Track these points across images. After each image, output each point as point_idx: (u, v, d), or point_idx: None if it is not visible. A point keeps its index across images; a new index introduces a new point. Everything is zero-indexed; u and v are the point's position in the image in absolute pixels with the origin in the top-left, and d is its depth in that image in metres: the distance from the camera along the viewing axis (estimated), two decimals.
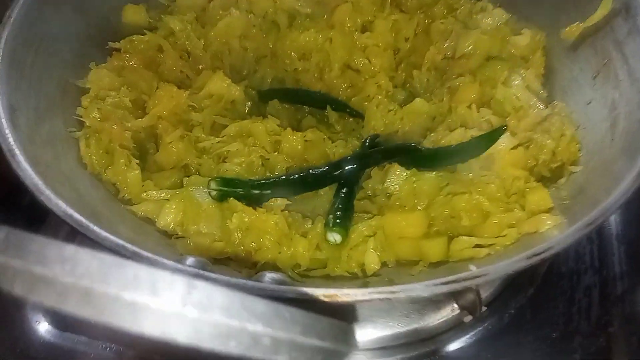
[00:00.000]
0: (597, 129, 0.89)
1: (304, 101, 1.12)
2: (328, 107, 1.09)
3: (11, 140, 0.74)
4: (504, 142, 0.89)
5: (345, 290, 0.57)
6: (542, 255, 0.63)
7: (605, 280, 1.01)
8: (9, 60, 0.85)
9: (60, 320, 0.98)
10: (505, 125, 0.90)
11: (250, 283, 0.58)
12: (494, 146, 0.90)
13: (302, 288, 0.56)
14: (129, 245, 0.62)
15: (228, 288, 0.36)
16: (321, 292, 0.57)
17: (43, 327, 0.98)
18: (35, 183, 0.68)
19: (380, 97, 1.09)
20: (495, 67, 1.01)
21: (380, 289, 0.58)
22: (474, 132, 0.92)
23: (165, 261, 0.61)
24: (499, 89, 0.96)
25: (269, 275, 0.63)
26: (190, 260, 0.64)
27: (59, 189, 0.72)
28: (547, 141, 0.90)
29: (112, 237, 0.63)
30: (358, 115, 1.09)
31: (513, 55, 1.05)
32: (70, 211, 0.66)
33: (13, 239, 0.36)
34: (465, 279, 0.61)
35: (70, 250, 0.35)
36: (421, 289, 0.59)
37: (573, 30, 1.01)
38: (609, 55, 0.94)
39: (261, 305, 0.36)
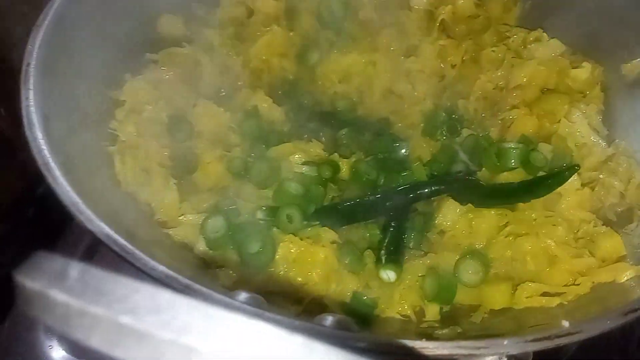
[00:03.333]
0: None
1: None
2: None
3: (46, 152, 0.68)
4: (570, 182, 0.83)
5: (434, 343, 0.51)
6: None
7: None
8: (42, 67, 0.78)
9: (76, 347, 0.90)
10: (578, 165, 0.84)
11: (339, 333, 0.52)
12: None
13: (397, 340, 0.49)
14: (181, 278, 0.55)
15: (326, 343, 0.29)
16: (417, 344, 0.50)
17: (57, 354, 0.90)
18: (74, 201, 0.62)
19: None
20: (554, 100, 0.95)
21: (468, 343, 0.51)
22: None
23: (221, 297, 0.54)
24: (562, 124, 0.91)
25: (331, 319, 0.56)
26: (243, 296, 0.57)
27: (96, 208, 0.65)
28: (615, 183, 0.84)
29: (162, 268, 0.56)
30: (402, 144, 1.02)
31: (570, 89, 1.00)
32: (114, 235, 0.59)
33: (90, 279, 0.30)
34: (558, 336, 0.54)
35: (165, 297, 0.29)
36: (511, 345, 0.52)
37: (634, 66, 0.96)
38: None
39: None
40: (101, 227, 0.60)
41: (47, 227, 0.91)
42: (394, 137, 1.01)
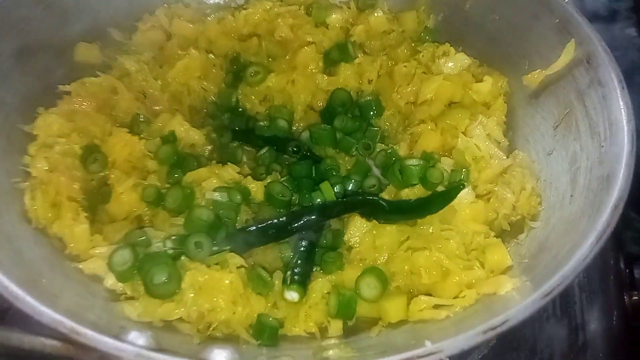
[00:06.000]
0: (558, 183, 0.89)
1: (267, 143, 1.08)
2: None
3: None
4: (465, 196, 0.88)
5: None
6: (498, 329, 0.61)
7: (567, 330, 1.01)
8: None
9: None
10: (463, 183, 0.89)
11: None
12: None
13: None
14: (67, 321, 0.59)
15: None
16: None
17: None
18: None
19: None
20: (456, 115, 1.00)
21: None
22: None
23: (106, 339, 0.58)
24: (460, 139, 0.95)
25: (219, 353, 0.60)
26: (132, 335, 0.60)
27: None
28: (508, 195, 0.89)
29: (50, 312, 0.59)
30: (319, 159, 1.06)
31: (475, 102, 1.04)
32: (7, 283, 0.62)
33: None
34: (419, 357, 0.59)
35: None
36: None
37: (535, 77, 1.01)
38: (570, 105, 0.93)
39: None
40: None
41: None
42: (312, 155, 1.05)
